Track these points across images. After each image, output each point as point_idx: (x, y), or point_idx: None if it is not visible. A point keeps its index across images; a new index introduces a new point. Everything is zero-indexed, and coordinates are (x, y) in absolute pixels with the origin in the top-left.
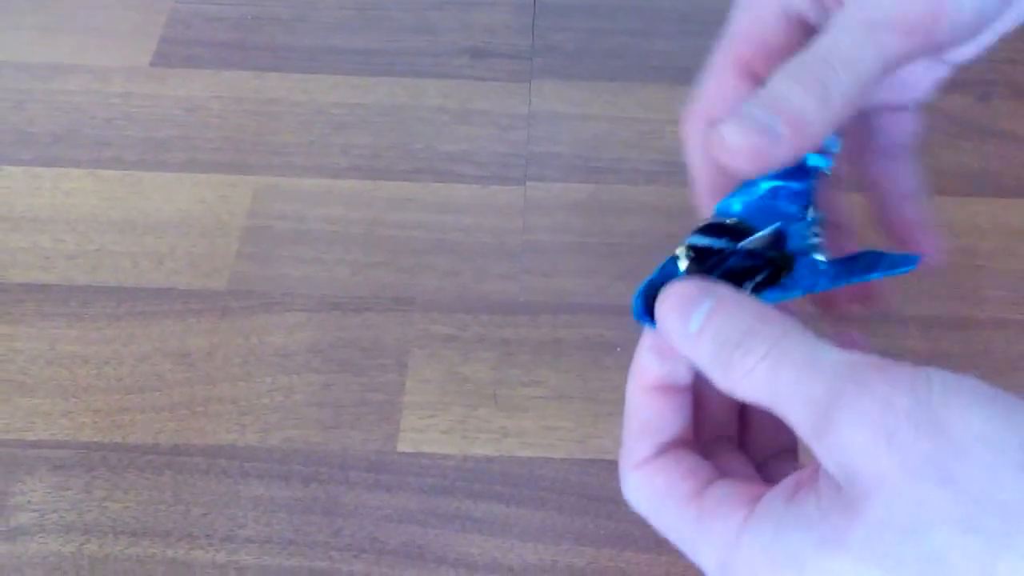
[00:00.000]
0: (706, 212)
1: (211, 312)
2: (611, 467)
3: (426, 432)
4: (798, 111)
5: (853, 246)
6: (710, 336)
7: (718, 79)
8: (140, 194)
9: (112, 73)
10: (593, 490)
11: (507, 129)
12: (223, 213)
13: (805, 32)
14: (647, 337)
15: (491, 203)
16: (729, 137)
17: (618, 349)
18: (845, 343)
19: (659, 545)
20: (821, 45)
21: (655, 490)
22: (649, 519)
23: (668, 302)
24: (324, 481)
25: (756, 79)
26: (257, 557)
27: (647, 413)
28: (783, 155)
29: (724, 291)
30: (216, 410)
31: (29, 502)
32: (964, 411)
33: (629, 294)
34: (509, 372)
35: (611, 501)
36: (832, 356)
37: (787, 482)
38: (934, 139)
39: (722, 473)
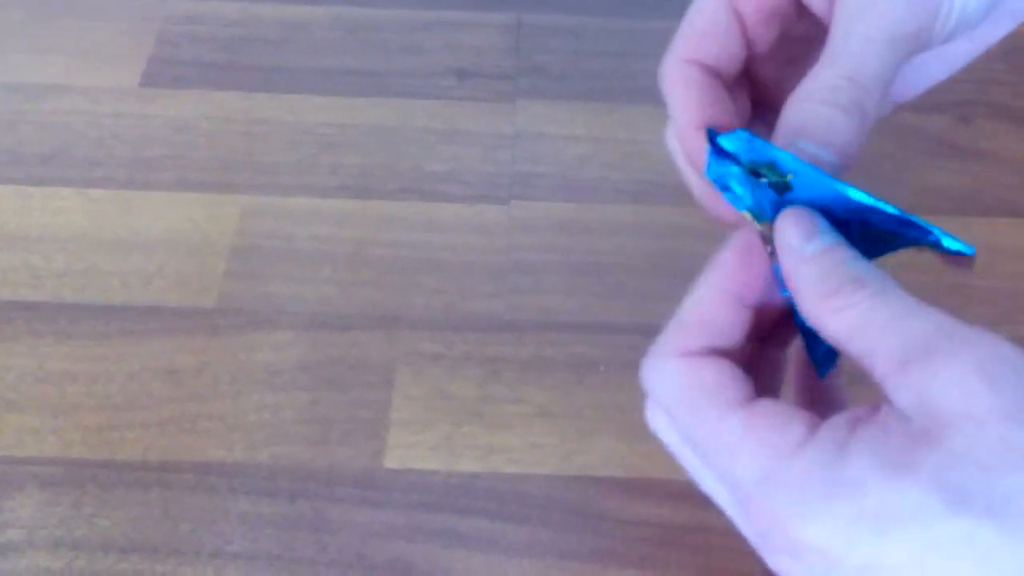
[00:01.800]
0: (690, 147)
1: (200, 330)
2: (596, 483)
3: (413, 449)
4: (845, 139)
5: None
6: (824, 261)
7: (706, 15)
8: (129, 213)
9: (102, 94)
10: (578, 506)
11: (493, 149)
12: (212, 232)
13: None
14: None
15: (477, 222)
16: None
17: (602, 367)
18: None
19: (644, 562)
20: (848, 64)
21: (700, 385)
22: (675, 413)
23: (794, 216)
24: (311, 497)
25: (743, 22)
26: (245, 573)
27: (716, 313)
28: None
29: (843, 239)
30: (204, 427)
31: (18, 518)
32: None
33: (613, 312)
34: (495, 389)
35: (596, 517)
36: (929, 311)
37: (844, 414)
38: (916, 159)
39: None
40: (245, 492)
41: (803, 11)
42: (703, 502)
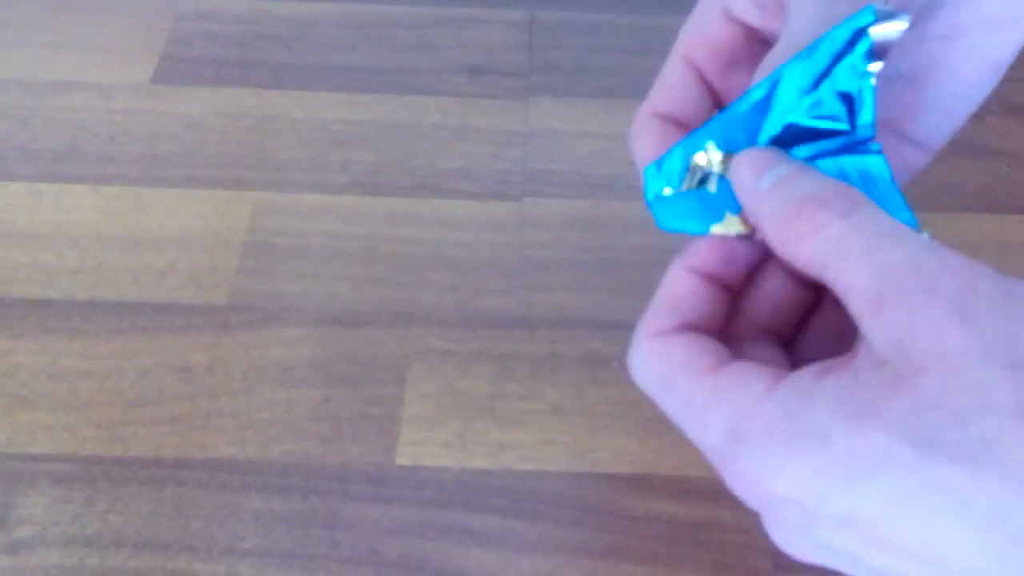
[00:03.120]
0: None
1: (212, 327)
2: (608, 480)
3: (424, 446)
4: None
5: None
6: (781, 190)
7: (667, 72)
8: (141, 210)
9: (114, 90)
10: (590, 503)
11: (505, 146)
12: (223, 229)
13: (747, 33)
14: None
15: (489, 219)
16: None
17: (615, 364)
18: None
19: (656, 558)
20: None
21: (670, 361)
22: (653, 392)
23: (745, 157)
24: (323, 494)
25: (699, 72)
26: (257, 570)
27: (682, 290)
28: None
29: (803, 163)
30: (217, 424)
31: (31, 515)
32: None
33: (626, 309)
34: (507, 386)
35: (608, 514)
36: (915, 235)
37: (816, 365)
38: None
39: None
40: (257, 489)
41: (765, 49)
42: (715, 498)
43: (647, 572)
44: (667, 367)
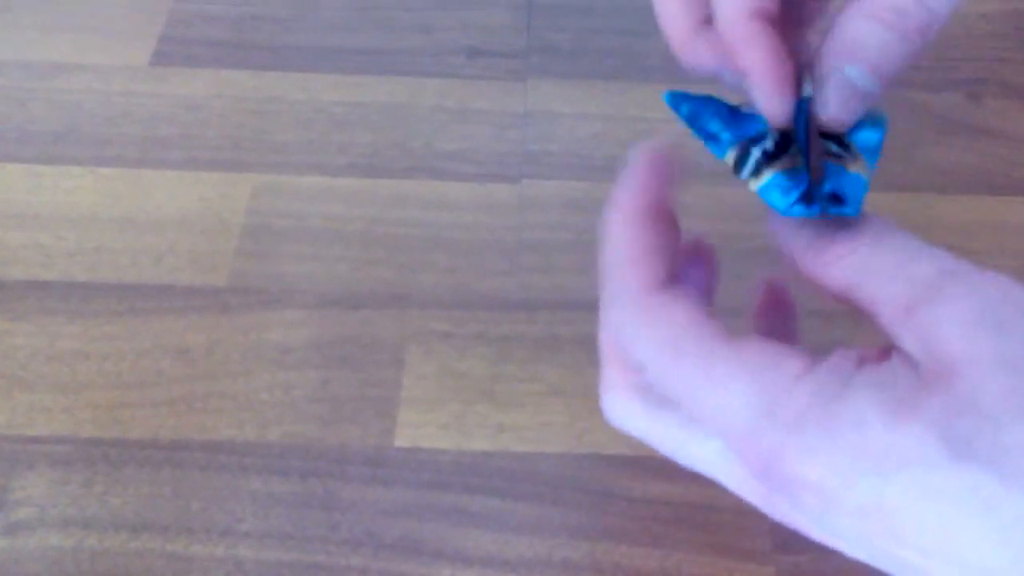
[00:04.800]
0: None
1: (211, 309)
2: (605, 462)
3: (423, 427)
4: (893, 69)
5: None
6: (814, 222)
7: None
8: (140, 192)
9: (113, 72)
10: (589, 484)
11: (504, 128)
12: (223, 211)
13: None
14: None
15: (488, 201)
16: (834, 103)
17: None
18: None
19: (654, 540)
20: None
21: (673, 322)
22: (654, 358)
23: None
24: (322, 476)
25: None
26: (256, 551)
27: (650, 238)
28: (870, 103)
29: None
30: (215, 406)
31: (29, 497)
32: None
33: None
34: (506, 368)
35: (606, 495)
36: (945, 253)
37: (851, 351)
38: (925, 137)
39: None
40: (256, 471)
41: None
42: (713, 480)
43: (645, 553)
44: (672, 330)
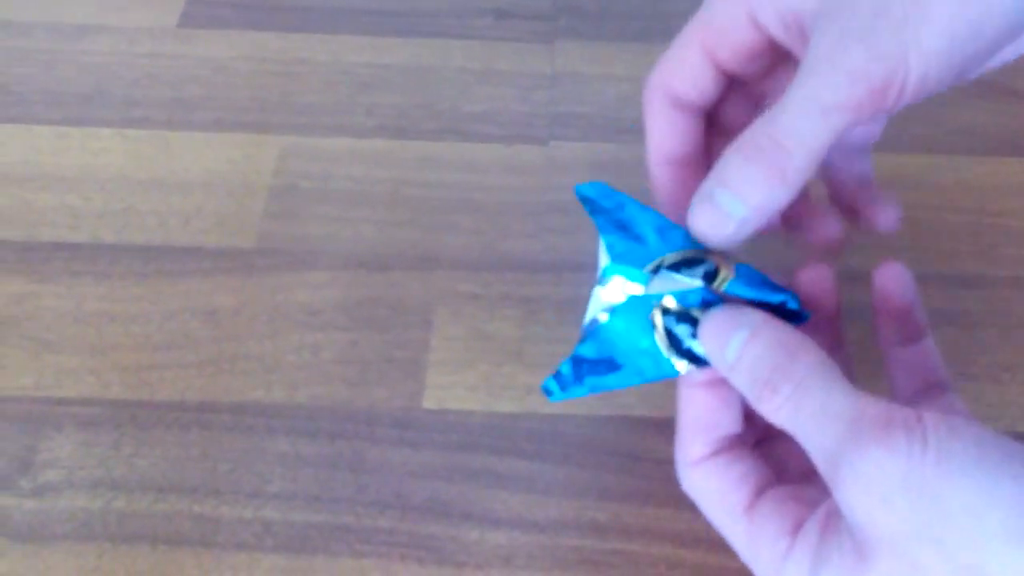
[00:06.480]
0: (656, 186)
1: (238, 271)
2: (633, 423)
3: (451, 389)
4: (759, 199)
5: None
6: (746, 367)
7: (682, 53)
8: (167, 153)
9: (139, 34)
10: (615, 446)
11: (530, 89)
12: (249, 172)
13: (769, 44)
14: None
15: (515, 163)
16: (700, 220)
17: None
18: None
19: (680, 500)
20: (777, 126)
21: (709, 493)
22: (705, 512)
23: (707, 328)
24: (350, 437)
25: (717, 63)
26: (283, 513)
27: (695, 410)
28: (748, 232)
29: (757, 319)
30: (243, 367)
31: (57, 459)
32: (954, 480)
33: None
34: (533, 330)
35: (633, 457)
36: (839, 406)
37: (820, 513)
38: (952, 98)
39: (778, 469)
40: (284, 432)
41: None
42: None
43: (672, 515)
44: (710, 501)
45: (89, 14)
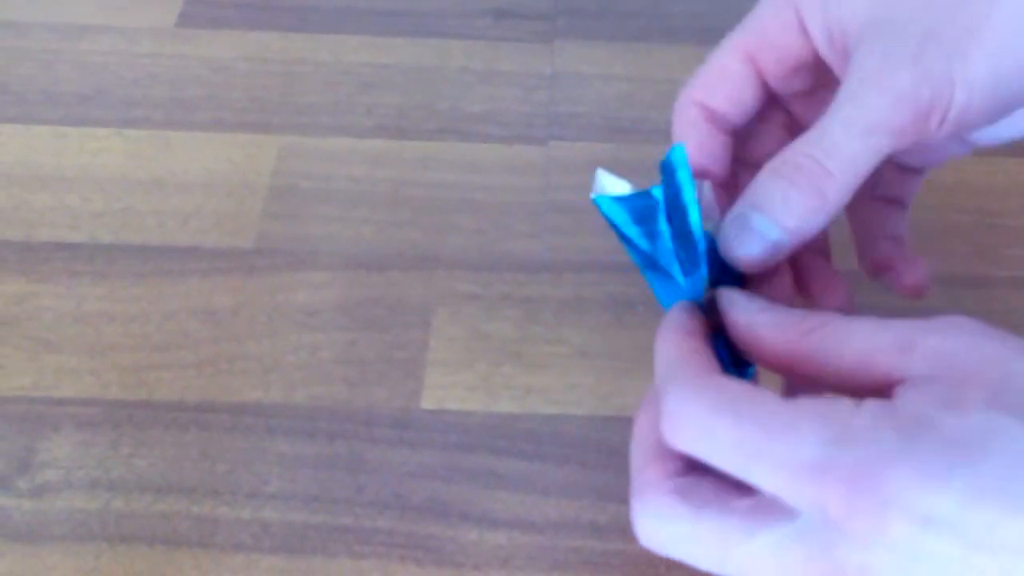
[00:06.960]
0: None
1: (237, 271)
2: (632, 424)
3: (450, 389)
4: (796, 222)
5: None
6: (774, 308)
7: (723, 63)
8: (167, 153)
9: (139, 33)
10: (615, 446)
11: (531, 89)
12: (249, 172)
13: (813, 58)
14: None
15: (515, 162)
16: (733, 243)
17: (639, 308)
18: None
19: None
20: (819, 146)
21: (731, 390)
22: (718, 424)
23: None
24: (349, 438)
25: (760, 72)
26: (282, 513)
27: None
28: (782, 257)
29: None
30: (242, 367)
31: (55, 459)
32: None
33: None
34: (533, 330)
35: None
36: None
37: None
38: None
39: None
40: (283, 433)
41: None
42: None
43: None
44: (733, 398)
45: (89, 14)
